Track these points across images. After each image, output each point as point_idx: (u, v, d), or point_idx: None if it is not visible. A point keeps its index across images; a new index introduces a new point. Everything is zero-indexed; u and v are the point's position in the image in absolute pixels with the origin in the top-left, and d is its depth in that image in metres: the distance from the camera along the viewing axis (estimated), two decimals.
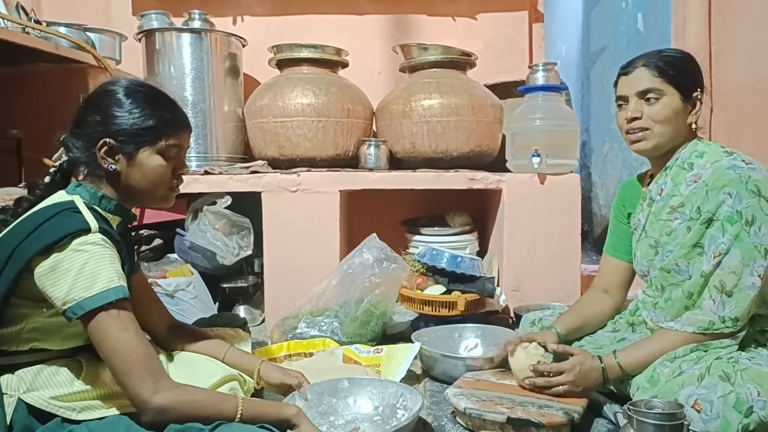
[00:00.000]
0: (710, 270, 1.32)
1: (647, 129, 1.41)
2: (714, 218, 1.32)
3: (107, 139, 1.15)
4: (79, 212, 1.10)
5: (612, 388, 1.46)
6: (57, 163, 1.23)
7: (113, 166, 1.16)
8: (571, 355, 1.41)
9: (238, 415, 1.09)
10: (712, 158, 1.38)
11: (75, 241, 1.05)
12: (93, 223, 1.08)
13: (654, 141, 1.41)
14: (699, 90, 1.43)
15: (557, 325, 1.55)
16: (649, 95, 1.40)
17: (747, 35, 2.14)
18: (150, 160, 1.18)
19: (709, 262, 1.32)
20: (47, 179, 1.22)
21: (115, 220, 1.20)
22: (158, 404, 1.03)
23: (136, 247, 2.04)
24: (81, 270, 1.04)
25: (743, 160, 1.34)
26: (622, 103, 1.45)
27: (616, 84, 1.49)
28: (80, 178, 1.21)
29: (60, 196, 1.16)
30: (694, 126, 1.43)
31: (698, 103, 1.43)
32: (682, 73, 1.41)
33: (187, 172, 1.27)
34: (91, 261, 1.04)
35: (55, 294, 1.04)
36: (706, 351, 1.32)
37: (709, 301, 1.32)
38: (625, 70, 1.45)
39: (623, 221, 1.63)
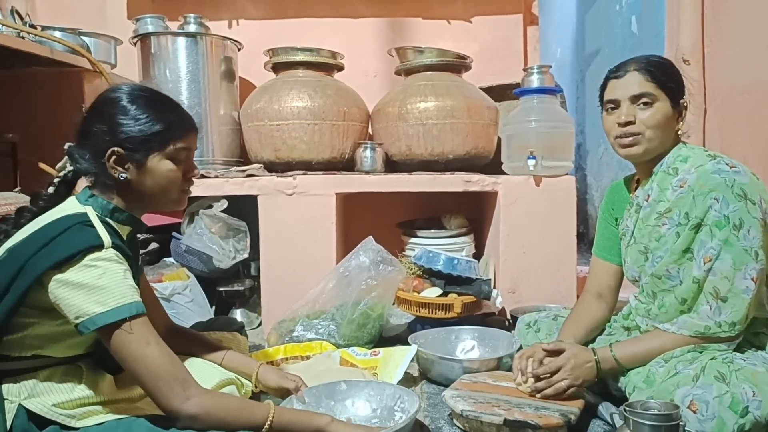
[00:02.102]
0: (702, 275, 1.32)
1: (639, 134, 1.40)
2: (702, 223, 1.33)
3: (116, 149, 1.13)
4: (92, 226, 1.09)
5: (611, 385, 1.46)
6: (61, 174, 1.22)
7: (123, 175, 1.14)
8: (563, 351, 1.42)
9: (268, 423, 1.08)
10: (696, 163, 1.39)
11: (88, 257, 1.04)
12: (106, 238, 1.08)
13: (645, 146, 1.41)
14: (683, 98, 1.44)
15: (564, 338, 1.52)
16: (643, 100, 1.40)
17: (740, 36, 2.15)
18: (160, 165, 1.17)
19: (699, 267, 1.32)
20: (51, 190, 1.21)
21: (125, 230, 1.20)
22: (190, 413, 1.04)
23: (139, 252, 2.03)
24: (95, 285, 1.03)
25: (727, 164, 1.34)
26: (612, 106, 1.44)
27: (603, 87, 1.48)
28: (89, 186, 1.19)
29: (72, 206, 1.15)
30: (680, 133, 1.45)
31: (684, 111, 1.44)
32: (670, 80, 1.42)
33: (197, 174, 1.26)
34: (104, 276, 1.04)
35: (69, 308, 1.03)
36: (701, 352, 1.33)
37: (705, 307, 1.32)
38: (616, 74, 1.44)
39: (612, 224, 1.63)
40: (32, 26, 2.25)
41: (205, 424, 1.05)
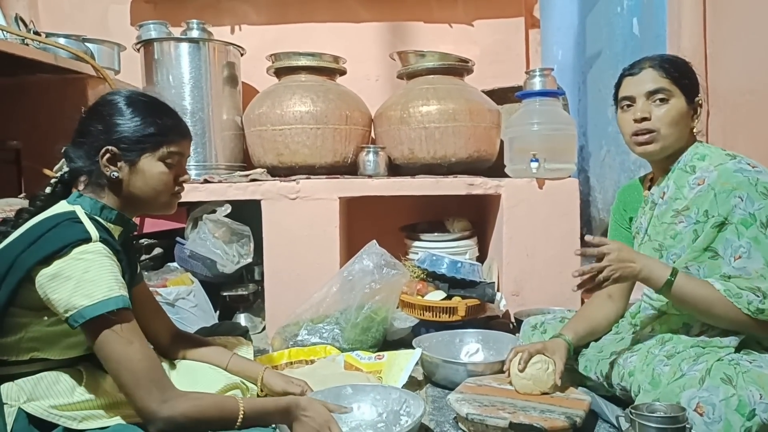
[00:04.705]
0: (734, 273, 1.30)
1: (654, 131, 1.41)
2: (726, 221, 1.32)
3: (109, 147, 1.16)
4: (80, 222, 1.11)
5: (615, 390, 1.46)
6: (58, 174, 1.24)
7: (115, 174, 1.17)
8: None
9: (241, 413, 1.10)
10: (715, 161, 1.39)
11: (75, 250, 1.06)
12: (94, 232, 1.09)
13: (661, 143, 1.42)
14: (698, 95, 1.44)
15: (566, 333, 1.54)
16: (658, 95, 1.40)
17: (742, 37, 2.15)
18: (152, 167, 1.19)
19: (729, 264, 1.31)
20: (48, 190, 1.23)
21: (116, 230, 1.21)
22: (166, 415, 1.04)
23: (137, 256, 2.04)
24: (81, 278, 1.04)
25: (748, 163, 1.35)
26: (628, 103, 1.45)
27: (618, 85, 1.49)
28: (81, 188, 1.22)
29: (61, 207, 1.17)
30: (696, 131, 1.45)
31: (698, 108, 1.44)
32: (685, 77, 1.43)
33: (189, 180, 1.28)
34: (91, 269, 1.05)
35: (57, 302, 1.05)
36: (704, 348, 1.33)
37: (751, 294, 1.28)
38: (631, 71, 1.45)
39: (624, 226, 1.63)
40: (36, 33, 2.26)
41: (179, 425, 1.06)
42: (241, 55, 2.70)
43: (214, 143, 2.55)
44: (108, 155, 1.16)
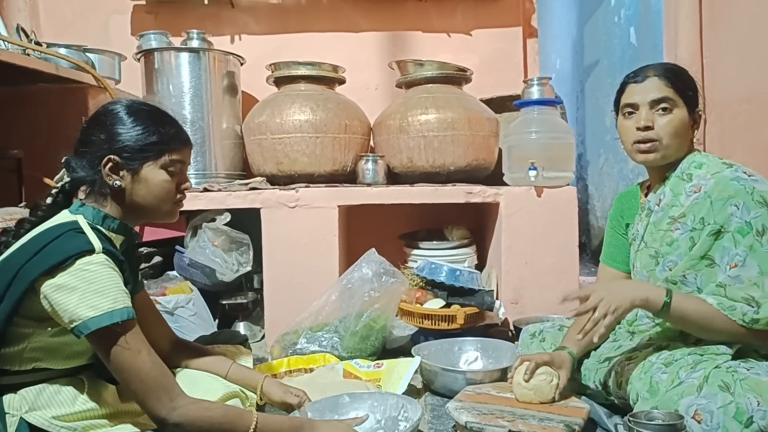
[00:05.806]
0: (728, 282, 1.31)
1: (657, 140, 1.41)
2: (722, 230, 1.33)
3: (112, 156, 1.17)
4: (83, 233, 1.11)
5: (613, 398, 1.46)
6: (59, 184, 1.24)
7: (117, 183, 1.18)
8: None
9: (251, 429, 1.12)
10: (712, 169, 1.40)
11: (79, 262, 1.06)
12: (97, 243, 1.10)
13: (662, 152, 1.42)
14: (699, 107, 1.45)
15: (569, 346, 1.53)
16: (662, 105, 1.41)
17: (738, 46, 2.17)
18: (154, 175, 1.20)
19: (725, 272, 1.32)
20: (49, 200, 1.23)
21: (118, 240, 1.22)
22: (175, 421, 1.08)
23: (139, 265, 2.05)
24: (87, 289, 1.05)
25: (744, 172, 1.36)
26: (630, 110, 1.45)
27: (621, 92, 1.49)
28: (83, 197, 1.22)
29: (64, 216, 1.18)
30: (695, 140, 1.47)
31: (699, 119, 1.46)
32: (688, 88, 1.44)
33: (190, 188, 1.29)
34: (96, 281, 1.06)
35: (62, 312, 1.05)
36: (701, 355, 1.33)
37: (745, 306, 1.29)
38: (635, 78, 1.45)
39: (620, 231, 1.64)
40: (38, 43, 2.27)
41: (188, 430, 1.09)
42: (241, 64, 2.72)
43: (214, 152, 2.56)
44: (110, 164, 1.17)
